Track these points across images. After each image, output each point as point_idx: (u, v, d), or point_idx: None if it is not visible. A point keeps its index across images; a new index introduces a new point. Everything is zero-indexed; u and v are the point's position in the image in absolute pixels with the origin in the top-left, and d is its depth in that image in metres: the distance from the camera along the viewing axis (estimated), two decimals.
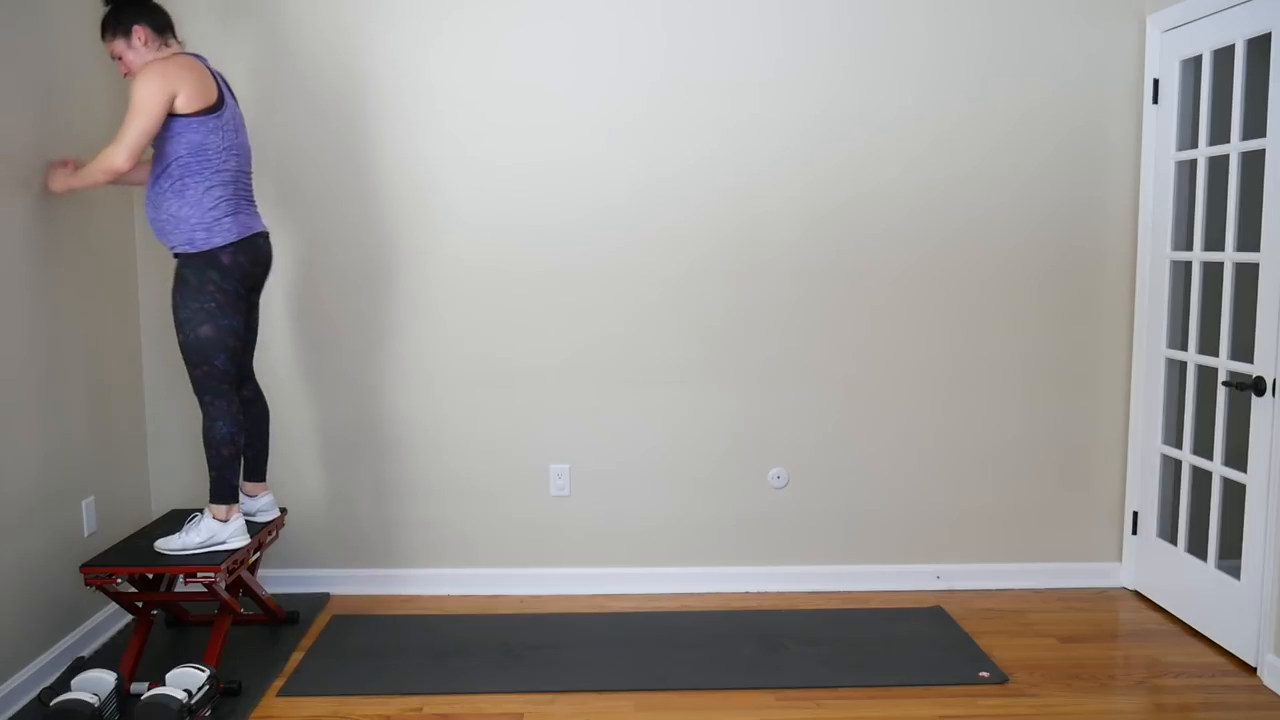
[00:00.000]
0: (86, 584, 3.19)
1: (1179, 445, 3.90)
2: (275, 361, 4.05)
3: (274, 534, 3.70)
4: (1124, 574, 4.17)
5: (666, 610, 3.94)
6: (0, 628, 3.12)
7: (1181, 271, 3.91)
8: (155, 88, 3.12)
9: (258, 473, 3.68)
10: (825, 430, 4.12)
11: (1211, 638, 3.61)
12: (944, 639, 3.65)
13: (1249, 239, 3.73)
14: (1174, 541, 3.92)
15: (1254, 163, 3.71)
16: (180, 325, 3.27)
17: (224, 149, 3.27)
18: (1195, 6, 3.63)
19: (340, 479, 4.12)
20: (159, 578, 3.42)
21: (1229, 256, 3.52)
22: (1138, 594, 4.10)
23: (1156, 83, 3.91)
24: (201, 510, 3.37)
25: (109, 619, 3.77)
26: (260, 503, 3.67)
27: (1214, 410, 3.77)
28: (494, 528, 4.14)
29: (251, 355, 3.62)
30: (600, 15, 3.93)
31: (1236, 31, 3.44)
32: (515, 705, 3.17)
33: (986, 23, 3.96)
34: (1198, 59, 3.74)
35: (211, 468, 3.32)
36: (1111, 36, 3.98)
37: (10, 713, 3.11)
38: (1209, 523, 3.63)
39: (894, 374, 4.11)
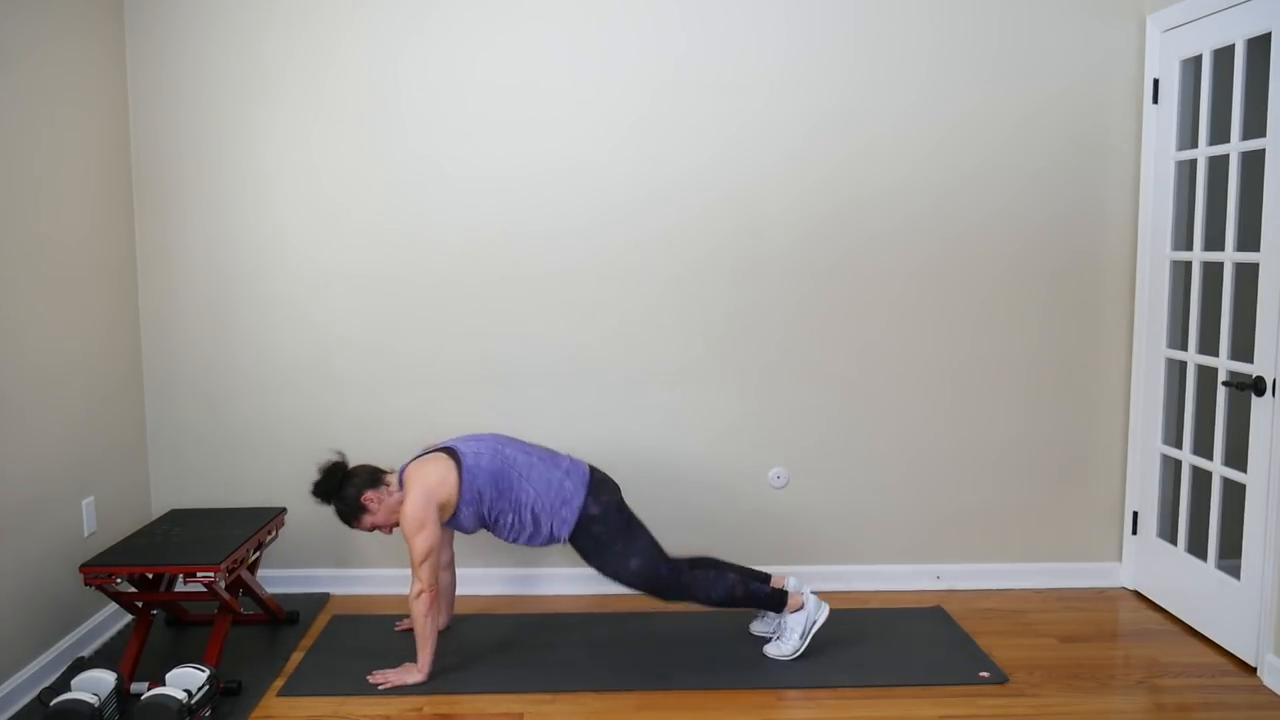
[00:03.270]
0: (86, 584, 3.19)
1: (1179, 445, 3.90)
2: (276, 361, 4.05)
3: (274, 534, 3.70)
4: (1124, 574, 4.17)
5: (666, 610, 3.94)
6: (0, 628, 3.12)
7: (1181, 271, 3.91)
8: (421, 525, 3.23)
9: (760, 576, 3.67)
10: (825, 430, 4.12)
11: (1211, 638, 3.61)
12: (944, 639, 3.64)
13: (1249, 239, 3.73)
14: (1174, 541, 3.92)
15: (1254, 163, 3.71)
16: (613, 574, 3.38)
17: (495, 454, 3.36)
18: (1195, 6, 3.63)
19: None
20: (159, 577, 3.42)
21: (1229, 256, 3.52)
22: (1138, 594, 4.10)
23: (1156, 83, 3.91)
24: (779, 618, 3.50)
25: (109, 619, 3.77)
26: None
27: (1214, 410, 3.77)
28: None
29: None
30: (613, 16, 3.93)
31: (1236, 31, 3.43)
32: (515, 705, 3.17)
33: (988, 24, 3.97)
34: (1198, 59, 3.74)
35: (752, 605, 3.44)
36: (1112, 36, 3.98)
37: (10, 713, 3.11)
38: (1209, 523, 3.63)
39: (894, 374, 4.11)
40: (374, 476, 3.37)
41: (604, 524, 3.36)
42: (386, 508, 3.35)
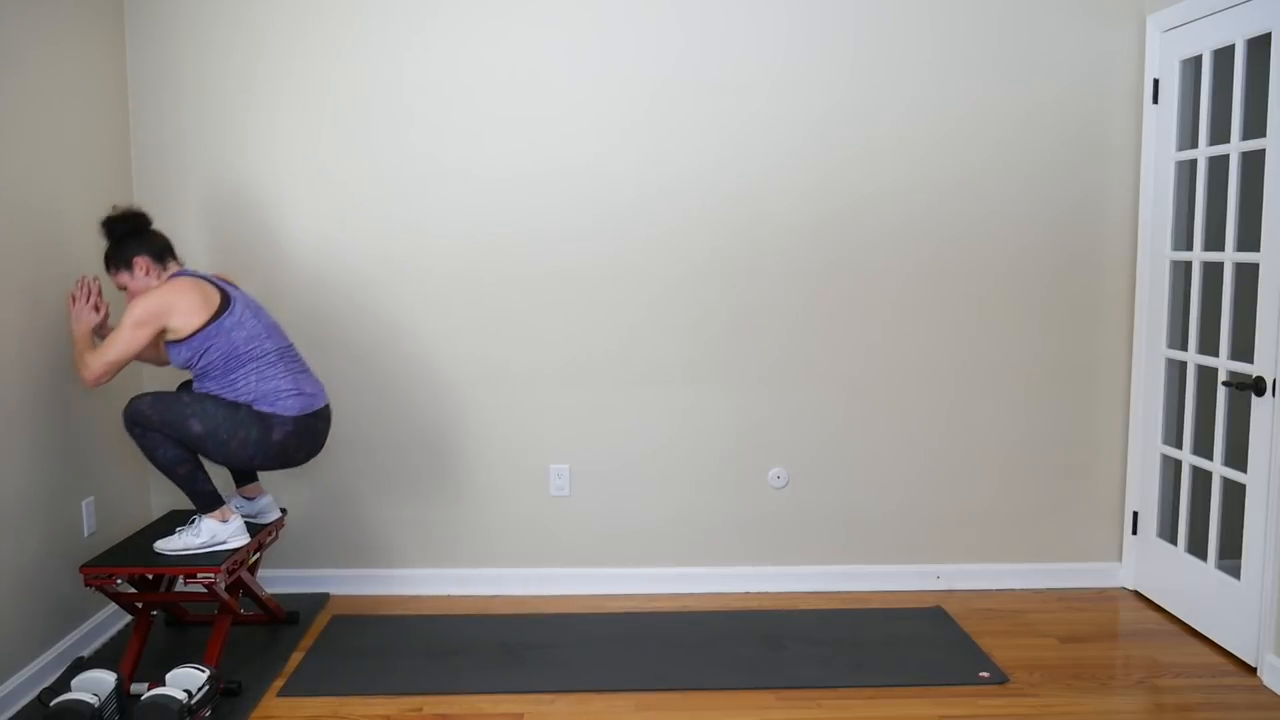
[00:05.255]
0: (86, 584, 3.19)
1: (1179, 445, 3.90)
2: None
3: (274, 534, 3.70)
4: (1124, 574, 4.17)
5: (666, 610, 3.94)
6: (0, 628, 3.12)
7: (1181, 271, 3.91)
8: (140, 323, 3.17)
9: (249, 475, 3.68)
10: (825, 430, 4.12)
11: (1211, 638, 3.61)
12: (944, 639, 3.65)
13: (1249, 239, 3.73)
14: (1174, 541, 3.92)
15: (1254, 163, 3.71)
16: (184, 399, 3.22)
17: (252, 338, 3.29)
18: (1195, 6, 3.63)
19: (340, 479, 4.12)
20: (159, 578, 3.42)
21: (1229, 256, 3.52)
22: (1138, 594, 4.10)
23: (1156, 83, 3.91)
24: (198, 515, 3.38)
25: (109, 619, 3.77)
26: (260, 504, 3.67)
27: (1214, 410, 3.77)
28: (494, 527, 4.14)
29: None
30: (613, 15, 3.94)
31: (1236, 31, 3.43)
32: (515, 705, 3.17)
33: (988, 24, 3.97)
34: (1198, 59, 3.74)
35: (181, 488, 3.30)
36: (1112, 37, 3.98)
37: (10, 713, 3.11)
38: (1209, 523, 3.63)
39: (894, 374, 4.11)
40: (162, 251, 3.33)
41: (250, 436, 3.23)
42: (148, 284, 3.29)
